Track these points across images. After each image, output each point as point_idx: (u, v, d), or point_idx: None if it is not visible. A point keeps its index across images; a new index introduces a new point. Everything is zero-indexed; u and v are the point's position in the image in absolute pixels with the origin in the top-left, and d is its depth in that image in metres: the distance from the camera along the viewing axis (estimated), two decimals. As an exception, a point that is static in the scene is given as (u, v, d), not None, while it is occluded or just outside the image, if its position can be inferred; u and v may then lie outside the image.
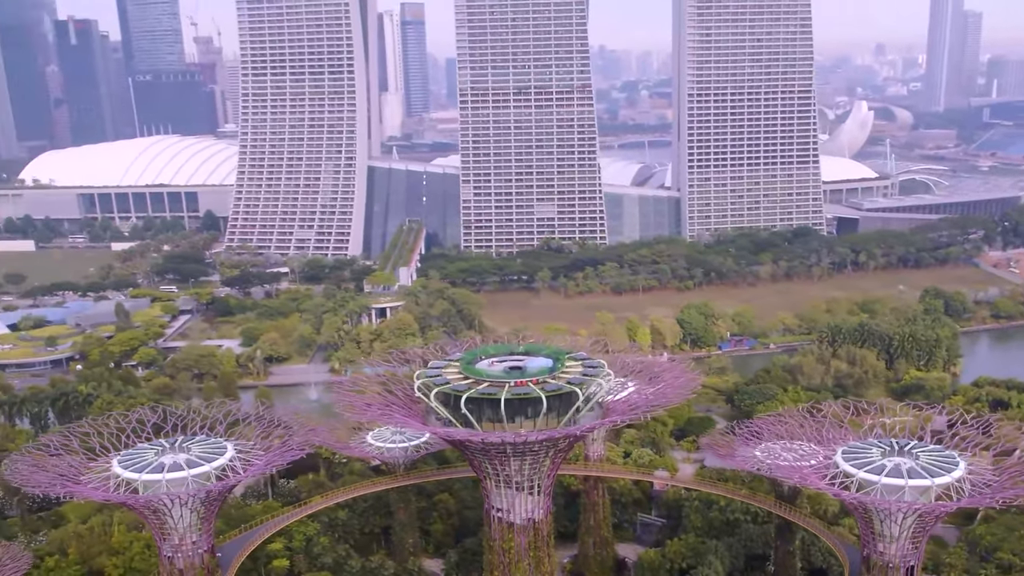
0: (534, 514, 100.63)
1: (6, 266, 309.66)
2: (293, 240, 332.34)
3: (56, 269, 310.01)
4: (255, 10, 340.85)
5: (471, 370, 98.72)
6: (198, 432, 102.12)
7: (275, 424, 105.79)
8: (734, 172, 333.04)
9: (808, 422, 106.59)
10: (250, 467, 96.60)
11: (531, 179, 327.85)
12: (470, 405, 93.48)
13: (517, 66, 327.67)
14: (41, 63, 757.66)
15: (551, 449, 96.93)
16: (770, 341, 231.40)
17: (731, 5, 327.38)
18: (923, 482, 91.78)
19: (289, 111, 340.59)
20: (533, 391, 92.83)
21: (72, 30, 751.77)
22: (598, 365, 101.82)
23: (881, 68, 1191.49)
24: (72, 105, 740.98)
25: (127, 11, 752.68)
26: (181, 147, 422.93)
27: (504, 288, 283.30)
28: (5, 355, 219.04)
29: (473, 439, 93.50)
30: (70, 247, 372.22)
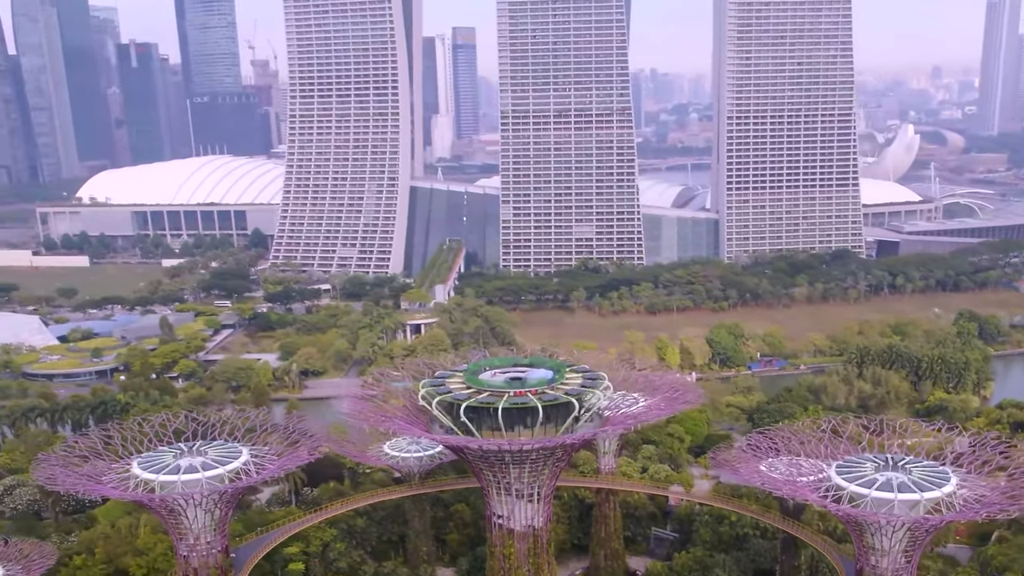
0: (534, 521, 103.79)
1: (61, 280, 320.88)
2: (336, 258, 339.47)
3: (108, 284, 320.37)
4: (304, 34, 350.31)
5: (474, 380, 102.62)
6: (217, 438, 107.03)
7: (290, 431, 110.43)
8: (773, 194, 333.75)
9: (808, 438, 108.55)
10: (263, 470, 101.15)
11: (570, 200, 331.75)
12: (470, 414, 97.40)
13: (558, 89, 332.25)
14: (103, 85, 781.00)
15: (549, 458, 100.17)
16: (800, 362, 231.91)
17: (771, 29, 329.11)
18: (912, 496, 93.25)
19: (335, 132, 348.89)
20: (530, 401, 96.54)
21: (133, 53, 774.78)
22: (598, 377, 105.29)
23: (937, 92, 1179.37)
24: (132, 126, 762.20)
25: (187, 35, 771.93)
26: (232, 167, 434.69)
27: (540, 307, 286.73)
28: (53, 365, 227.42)
29: (471, 446, 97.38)
30: (123, 263, 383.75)
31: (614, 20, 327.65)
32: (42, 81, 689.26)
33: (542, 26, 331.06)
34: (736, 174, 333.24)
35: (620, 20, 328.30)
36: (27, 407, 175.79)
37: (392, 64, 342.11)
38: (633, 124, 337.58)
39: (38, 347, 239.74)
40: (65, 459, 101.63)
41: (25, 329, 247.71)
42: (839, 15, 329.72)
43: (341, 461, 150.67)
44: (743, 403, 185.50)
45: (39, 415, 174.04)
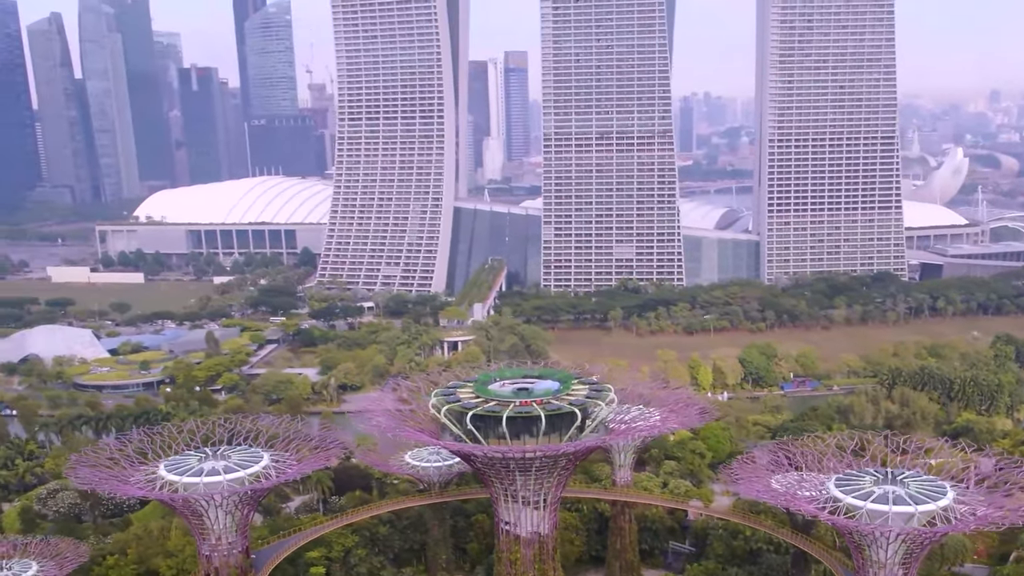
0: (540, 528, 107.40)
1: (116, 296, 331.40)
2: (380, 276, 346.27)
3: (160, 300, 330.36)
4: (353, 58, 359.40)
5: (483, 390, 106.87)
6: (242, 444, 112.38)
7: (311, 438, 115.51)
8: (814, 216, 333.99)
9: (811, 452, 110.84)
10: (283, 474, 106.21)
11: (611, 221, 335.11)
12: (477, 422, 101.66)
13: (600, 111, 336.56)
14: (165, 108, 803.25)
15: (553, 466, 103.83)
16: (833, 383, 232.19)
17: (813, 53, 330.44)
18: (907, 508, 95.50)
19: (381, 153, 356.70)
20: (534, 410, 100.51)
21: (194, 77, 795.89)
22: (603, 389, 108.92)
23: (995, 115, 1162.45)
24: (191, 147, 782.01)
25: (247, 59, 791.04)
26: (283, 187, 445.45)
27: (577, 326, 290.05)
28: (103, 377, 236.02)
29: (476, 453, 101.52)
30: (176, 280, 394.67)
31: (656, 44, 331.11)
32: (106, 104, 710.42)
33: (585, 50, 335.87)
34: (777, 196, 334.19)
35: (663, 44, 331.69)
36: (74, 415, 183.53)
37: (438, 88, 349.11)
38: (674, 146, 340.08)
39: (89, 359, 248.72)
40: (97, 460, 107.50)
41: (78, 342, 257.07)
42: (882, 39, 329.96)
43: (370, 472, 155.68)
44: (769, 422, 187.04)
45: (84, 423, 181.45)
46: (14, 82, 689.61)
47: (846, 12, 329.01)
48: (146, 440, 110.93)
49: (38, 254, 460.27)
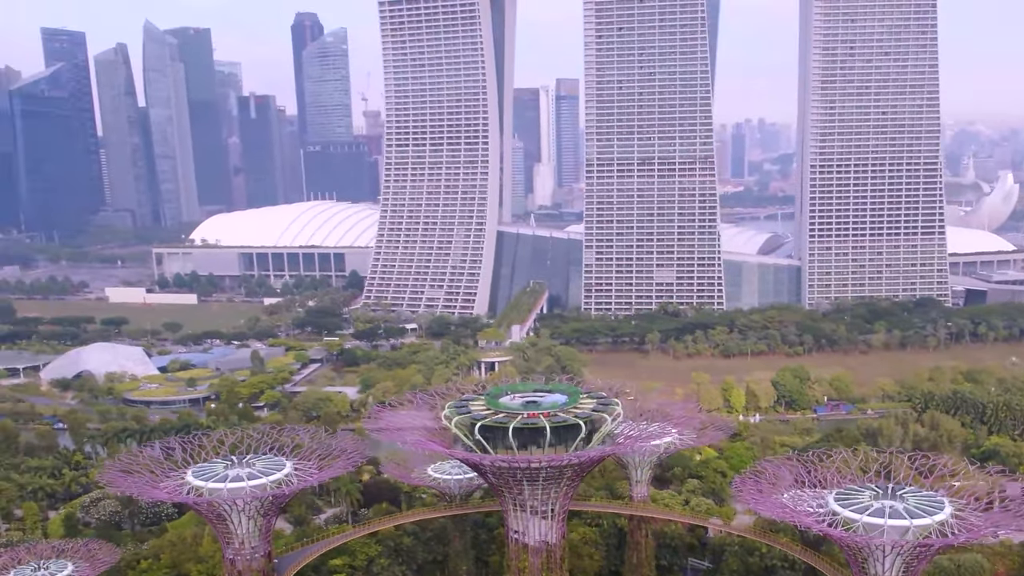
0: (547, 537, 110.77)
1: (169, 316, 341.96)
2: (424, 298, 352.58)
3: (211, 320, 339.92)
4: (401, 86, 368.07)
5: (493, 403, 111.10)
6: (268, 453, 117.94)
7: (332, 448, 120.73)
8: (856, 242, 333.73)
9: (814, 468, 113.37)
10: (304, 481, 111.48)
11: (651, 245, 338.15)
12: (486, 433, 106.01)
13: (642, 138, 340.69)
14: (224, 135, 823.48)
15: (559, 476, 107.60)
16: (868, 407, 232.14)
17: (856, 79, 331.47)
18: (902, 522, 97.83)
19: (427, 179, 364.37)
20: (540, 422, 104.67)
21: (253, 105, 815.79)
22: (610, 403, 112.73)
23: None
24: (249, 173, 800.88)
25: (304, 87, 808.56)
26: (333, 211, 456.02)
27: (615, 349, 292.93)
28: (151, 393, 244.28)
29: (484, 462, 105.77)
30: (228, 301, 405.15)
31: (698, 71, 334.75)
32: (168, 131, 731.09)
33: (628, 77, 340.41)
34: (819, 221, 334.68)
35: (704, 71, 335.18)
36: (119, 428, 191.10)
37: (483, 114, 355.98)
38: (716, 172, 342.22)
39: (140, 376, 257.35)
40: (129, 466, 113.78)
41: (129, 359, 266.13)
42: (925, 65, 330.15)
43: (398, 486, 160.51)
44: (796, 443, 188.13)
45: (129, 436, 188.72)
46: (81, 110, 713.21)
47: (888, 38, 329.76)
48: (177, 448, 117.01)
49: (98, 275, 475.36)
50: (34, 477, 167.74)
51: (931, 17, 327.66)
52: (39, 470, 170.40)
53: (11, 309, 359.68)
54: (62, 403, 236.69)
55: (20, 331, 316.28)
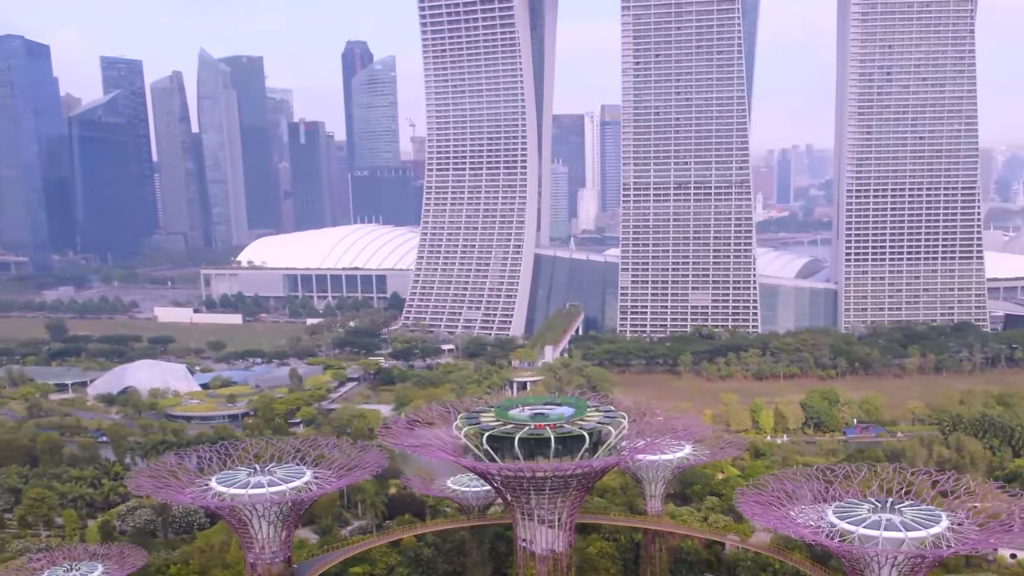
0: (555, 545, 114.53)
1: (214, 335, 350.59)
2: (461, 320, 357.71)
3: (254, 339, 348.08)
4: (442, 112, 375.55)
5: (502, 414, 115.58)
6: (290, 462, 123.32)
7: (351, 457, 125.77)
8: (893, 266, 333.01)
9: (818, 483, 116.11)
10: (322, 488, 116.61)
11: (687, 268, 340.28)
12: (494, 443, 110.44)
13: (678, 162, 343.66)
14: (275, 160, 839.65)
15: (564, 486, 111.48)
16: (898, 429, 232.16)
17: (892, 104, 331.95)
18: (896, 534, 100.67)
19: (466, 203, 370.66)
20: (545, 432, 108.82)
21: (302, 131, 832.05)
22: (616, 416, 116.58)
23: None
24: (297, 197, 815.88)
25: (353, 113, 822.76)
26: (376, 234, 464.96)
27: (649, 370, 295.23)
28: (192, 408, 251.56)
29: (491, 471, 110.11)
30: (272, 321, 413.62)
31: (735, 96, 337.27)
32: (220, 156, 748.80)
33: (665, 102, 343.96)
34: (855, 245, 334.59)
35: (741, 97, 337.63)
36: (157, 441, 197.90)
37: (522, 140, 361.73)
38: (752, 196, 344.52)
39: (182, 392, 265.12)
40: (157, 473, 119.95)
41: (172, 376, 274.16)
42: (963, 90, 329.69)
43: (424, 500, 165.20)
44: (818, 463, 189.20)
45: (167, 448, 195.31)
46: (137, 136, 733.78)
47: (926, 64, 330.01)
48: (204, 457, 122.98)
49: (149, 296, 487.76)
50: (75, 486, 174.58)
51: (968, 43, 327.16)
52: (79, 480, 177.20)
53: (63, 327, 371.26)
54: (107, 417, 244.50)
55: (70, 348, 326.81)
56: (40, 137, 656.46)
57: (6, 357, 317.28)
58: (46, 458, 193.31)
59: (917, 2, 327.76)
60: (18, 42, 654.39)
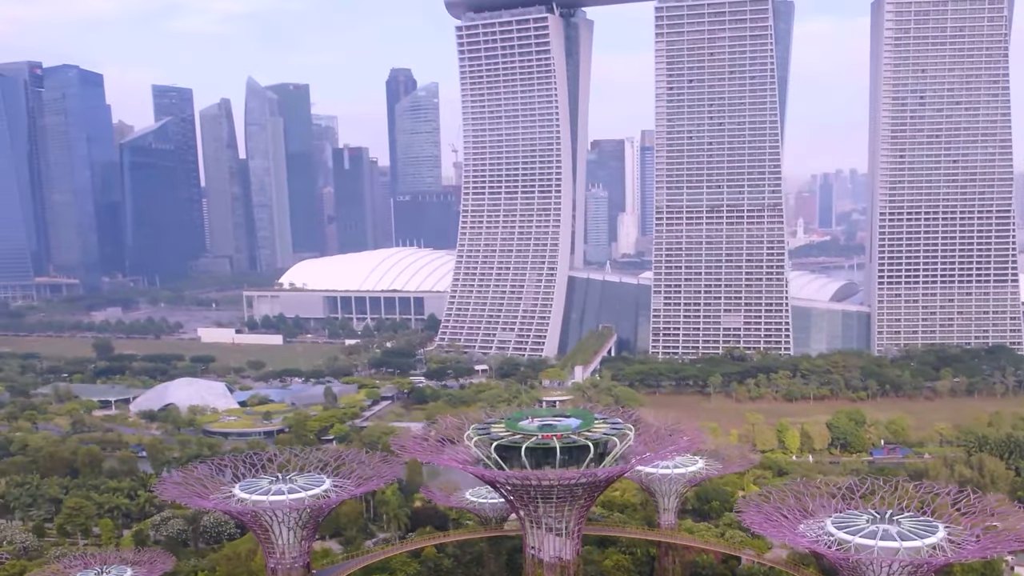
0: (562, 553, 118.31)
1: (254, 355, 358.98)
2: (495, 341, 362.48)
3: (293, 359, 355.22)
4: (479, 137, 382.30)
5: (512, 425, 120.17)
6: (312, 472, 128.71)
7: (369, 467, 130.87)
8: (926, 289, 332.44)
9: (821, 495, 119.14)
10: (339, 496, 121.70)
11: (719, 291, 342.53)
12: (503, 452, 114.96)
13: (711, 186, 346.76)
14: (320, 185, 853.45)
15: (570, 495, 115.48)
16: (925, 451, 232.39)
17: (926, 128, 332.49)
18: (892, 544, 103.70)
19: (501, 226, 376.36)
20: (552, 442, 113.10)
21: (347, 157, 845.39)
22: (622, 428, 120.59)
23: None
24: (341, 221, 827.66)
25: (396, 140, 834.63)
26: (415, 258, 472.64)
27: (679, 391, 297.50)
28: (229, 424, 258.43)
29: (499, 479, 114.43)
30: (311, 342, 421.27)
31: (767, 121, 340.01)
32: (266, 181, 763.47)
33: (698, 127, 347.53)
34: (888, 268, 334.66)
35: (773, 122, 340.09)
36: (192, 454, 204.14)
37: (557, 164, 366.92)
38: (784, 220, 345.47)
39: (220, 409, 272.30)
40: (184, 480, 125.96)
41: (211, 394, 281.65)
42: (997, 114, 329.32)
43: (447, 513, 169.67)
44: (837, 482, 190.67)
45: (201, 462, 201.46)
46: (186, 161, 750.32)
47: (959, 88, 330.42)
48: (228, 465, 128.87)
49: (193, 317, 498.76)
50: (112, 497, 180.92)
51: (1003, 67, 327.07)
52: (117, 491, 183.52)
53: (110, 347, 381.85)
54: (147, 433, 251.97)
55: (115, 367, 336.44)
56: (92, 163, 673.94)
57: (54, 375, 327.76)
58: (86, 470, 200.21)
59: (951, 27, 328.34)
60: (73, 72, 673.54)
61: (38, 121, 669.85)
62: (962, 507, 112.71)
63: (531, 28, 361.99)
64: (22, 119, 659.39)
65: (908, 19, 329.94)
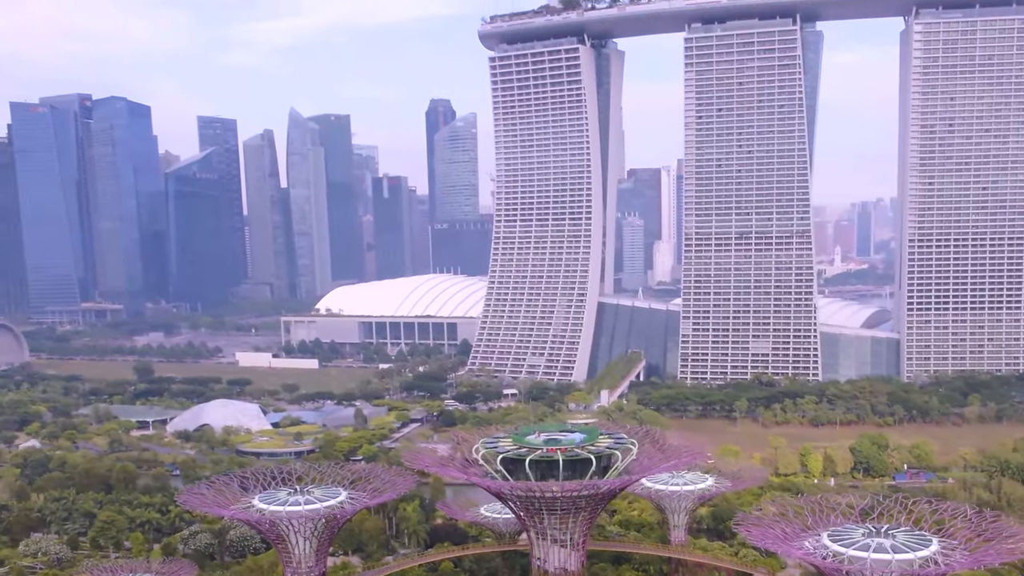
0: (567, 564, 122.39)
1: (290, 379, 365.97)
2: (525, 365, 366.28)
3: (327, 383, 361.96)
4: (511, 166, 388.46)
5: (519, 440, 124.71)
6: (330, 484, 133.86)
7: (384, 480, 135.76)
8: (956, 316, 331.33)
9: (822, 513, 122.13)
10: (353, 507, 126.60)
11: (747, 317, 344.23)
12: (509, 465, 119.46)
13: (739, 213, 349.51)
14: (359, 213, 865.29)
15: (574, 507, 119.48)
16: (949, 475, 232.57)
17: (955, 156, 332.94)
18: (884, 556, 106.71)
19: (532, 253, 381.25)
20: (555, 455, 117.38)
21: (386, 186, 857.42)
22: (625, 443, 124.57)
23: None
24: (380, 249, 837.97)
25: (435, 169, 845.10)
26: (449, 284, 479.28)
27: (705, 416, 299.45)
28: (261, 445, 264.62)
29: (504, 489, 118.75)
30: (346, 366, 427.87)
31: (796, 149, 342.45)
32: (307, 210, 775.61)
33: (726, 154, 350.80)
34: (918, 295, 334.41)
35: (802, 149, 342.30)
36: (221, 472, 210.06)
37: (587, 192, 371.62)
38: (813, 247, 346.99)
39: (254, 430, 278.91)
40: (206, 491, 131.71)
41: (245, 415, 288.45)
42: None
43: (466, 530, 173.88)
44: (852, 503, 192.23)
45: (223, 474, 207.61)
46: (230, 190, 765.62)
47: (988, 115, 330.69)
48: (250, 478, 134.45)
49: (233, 342, 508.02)
50: (143, 512, 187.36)
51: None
52: (148, 506, 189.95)
53: (150, 370, 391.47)
54: (182, 452, 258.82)
55: (154, 389, 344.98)
56: (139, 192, 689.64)
57: (95, 396, 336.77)
58: (120, 487, 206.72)
59: (979, 55, 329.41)
60: (121, 103, 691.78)
61: (87, 151, 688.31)
62: (971, 525, 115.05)
63: (563, 59, 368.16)
64: (71, 150, 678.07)
65: (936, 47, 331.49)
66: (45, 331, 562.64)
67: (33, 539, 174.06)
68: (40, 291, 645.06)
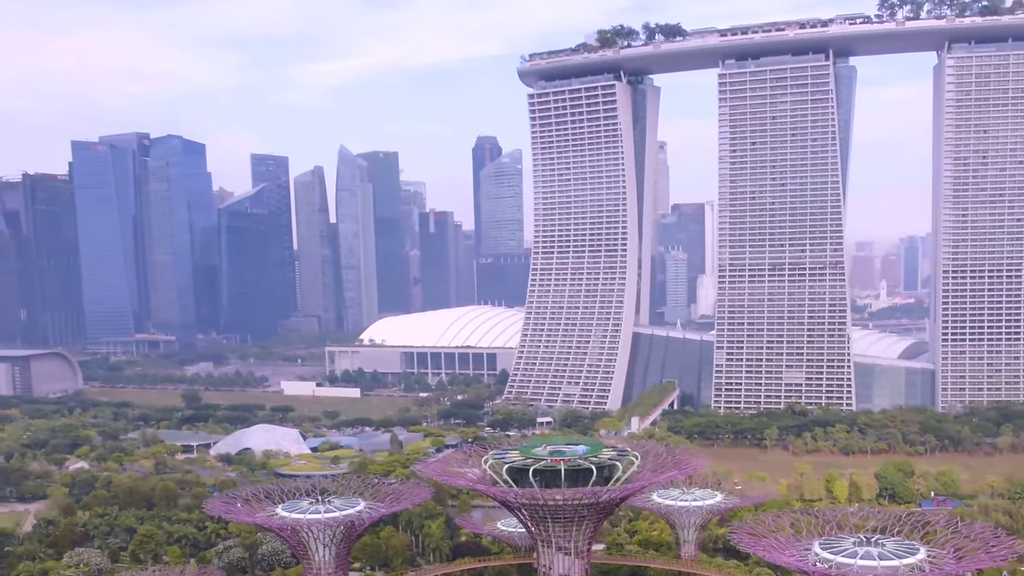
0: (571, 572, 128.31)
1: (332, 407, 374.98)
2: (561, 394, 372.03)
3: (368, 410, 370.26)
4: (548, 199, 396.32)
5: (526, 451, 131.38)
6: (350, 495, 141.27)
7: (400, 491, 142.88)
8: (991, 346, 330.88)
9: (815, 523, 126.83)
10: (370, 516, 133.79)
11: (781, 347, 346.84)
12: (515, 475, 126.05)
13: (773, 245, 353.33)
14: (406, 248, 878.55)
15: (576, 515, 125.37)
16: (975, 503, 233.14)
17: (988, 188, 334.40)
18: (870, 563, 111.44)
19: (569, 284, 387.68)
20: (558, 466, 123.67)
21: (432, 220, 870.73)
22: (628, 455, 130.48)
23: None
24: (426, 282, 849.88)
25: (480, 204, 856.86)
26: (489, 315, 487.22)
27: (737, 444, 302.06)
28: (299, 468, 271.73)
29: (509, 497, 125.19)
30: (387, 395, 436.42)
31: (829, 181, 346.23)
32: (355, 244, 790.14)
33: (760, 187, 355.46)
34: (952, 326, 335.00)
35: (835, 182, 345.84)
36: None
37: (623, 225, 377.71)
38: (846, 278, 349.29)
39: (293, 454, 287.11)
40: (234, 500, 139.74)
41: (285, 439, 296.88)
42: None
43: (488, 547, 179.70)
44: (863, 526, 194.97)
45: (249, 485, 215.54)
46: (280, 225, 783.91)
47: (1022, 147, 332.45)
48: (275, 490, 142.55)
49: (279, 372, 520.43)
50: (181, 527, 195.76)
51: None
52: (187, 522, 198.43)
53: (197, 397, 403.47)
54: (223, 474, 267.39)
55: (200, 415, 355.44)
56: (192, 227, 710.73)
57: (143, 422, 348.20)
58: (161, 504, 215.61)
59: (1012, 87, 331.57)
60: (177, 141, 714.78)
61: (143, 187, 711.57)
62: (960, 536, 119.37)
63: (599, 95, 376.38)
64: (129, 186, 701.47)
65: (969, 81, 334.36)
66: (99, 361, 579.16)
67: (76, 552, 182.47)
68: (96, 322, 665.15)
